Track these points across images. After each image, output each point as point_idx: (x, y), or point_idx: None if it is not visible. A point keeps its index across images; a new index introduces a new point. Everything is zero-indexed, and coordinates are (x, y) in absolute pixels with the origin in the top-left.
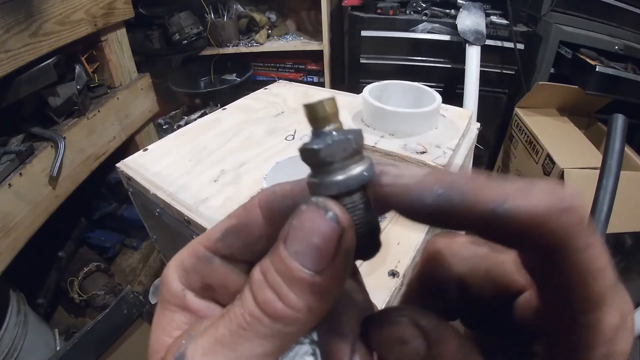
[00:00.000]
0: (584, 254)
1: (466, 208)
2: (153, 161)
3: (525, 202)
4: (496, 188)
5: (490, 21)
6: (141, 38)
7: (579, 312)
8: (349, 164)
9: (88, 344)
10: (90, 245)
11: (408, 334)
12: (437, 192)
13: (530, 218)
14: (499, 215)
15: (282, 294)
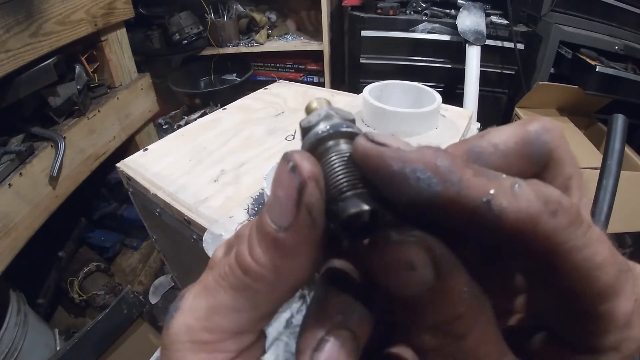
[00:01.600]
0: (581, 253)
1: (447, 198)
2: (153, 161)
3: (512, 204)
4: (484, 184)
5: (490, 21)
6: (141, 38)
7: (587, 306)
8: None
9: (88, 344)
10: (90, 245)
11: (418, 259)
12: (416, 173)
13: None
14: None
15: (252, 246)
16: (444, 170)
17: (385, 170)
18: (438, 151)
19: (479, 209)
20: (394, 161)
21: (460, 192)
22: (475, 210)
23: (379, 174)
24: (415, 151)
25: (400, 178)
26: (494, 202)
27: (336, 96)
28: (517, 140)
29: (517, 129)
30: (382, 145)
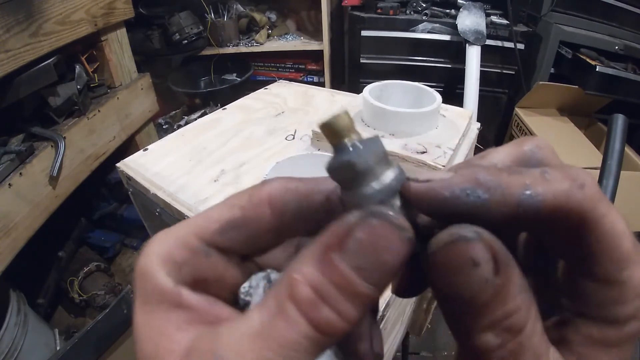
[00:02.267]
0: (606, 219)
1: (495, 203)
2: (153, 161)
3: (547, 188)
4: (519, 179)
5: (491, 21)
6: (141, 38)
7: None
8: (382, 170)
9: (88, 344)
10: (90, 245)
11: (481, 256)
12: (466, 191)
13: (554, 201)
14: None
15: (343, 310)
16: (484, 180)
17: (439, 199)
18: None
19: (522, 201)
20: (444, 190)
21: (504, 192)
22: (520, 203)
23: (436, 204)
24: (456, 175)
25: (454, 201)
26: (532, 192)
27: (336, 96)
28: (514, 158)
29: (513, 148)
30: (428, 182)
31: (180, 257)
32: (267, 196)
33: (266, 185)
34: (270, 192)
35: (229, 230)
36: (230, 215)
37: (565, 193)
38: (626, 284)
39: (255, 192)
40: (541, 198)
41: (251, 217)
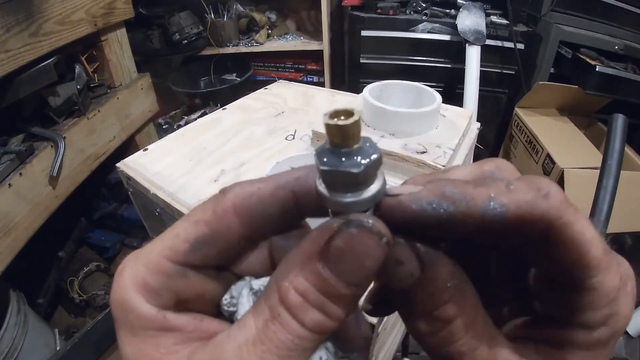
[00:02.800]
0: (573, 227)
1: (460, 214)
2: (153, 161)
3: (511, 198)
4: (483, 191)
5: (490, 21)
6: (141, 38)
7: (580, 278)
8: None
9: (88, 344)
10: (90, 245)
11: (404, 255)
12: (432, 204)
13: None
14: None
15: (330, 311)
16: (450, 193)
17: (408, 212)
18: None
19: (486, 213)
20: (412, 203)
21: (469, 204)
22: (484, 214)
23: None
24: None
25: (421, 213)
26: (496, 202)
27: (336, 96)
28: (473, 177)
29: (475, 167)
30: (397, 196)
31: (156, 283)
32: (232, 206)
33: (228, 194)
34: (234, 201)
35: (200, 247)
36: (197, 232)
37: (529, 203)
38: (596, 291)
39: (218, 204)
40: (505, 209)
41: (219, 230)
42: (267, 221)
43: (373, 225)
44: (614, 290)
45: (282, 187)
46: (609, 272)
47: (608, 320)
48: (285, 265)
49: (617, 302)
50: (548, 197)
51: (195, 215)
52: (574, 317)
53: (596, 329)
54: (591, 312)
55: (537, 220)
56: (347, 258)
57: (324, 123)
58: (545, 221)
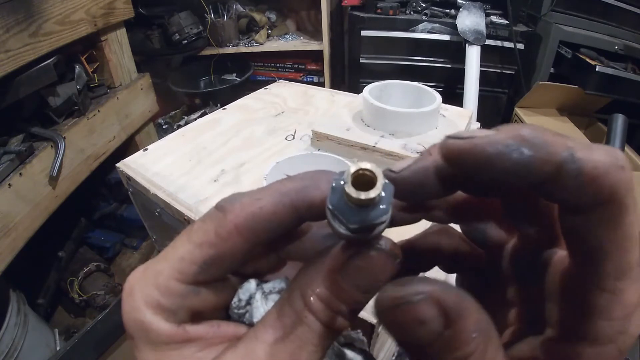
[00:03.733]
0: (630, 215)
1: (539, 161)
2: (153, 161)
3: (589, 156)
4: (563, 142)
5: (490, 21)
6: (141, 38)
7: (607, 275)
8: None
9: (88, 344)
10: (90, 245)
11: (427, 314)
12: (510, 147)
13: (593, 171)
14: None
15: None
16: (529, 137)
17: (482, 156)
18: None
19: (565, 162)
20: (489, 145)
21: (549, 150)
22: (563, 164)
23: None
24: (499, 133)
25: (497, 157)
26: (576, 155)
27: (336, 96)
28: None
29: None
30: (471, 138)
31: (171, 304)
32: (234, 227)
33: (229, 215)
34: (236, 222)
35: (208, 268)
36: (203, 255)
37: (606, 167)
38: (615, 298)
39: (220, 226)
40: (583, 164)
41: (224, 252)
42: (271, 236)
43: (389, 248)
44: (632, 306)
45: (283, 204)
46: (634, 284)
47: (617, 338)
48: (307, 275)
49: (631, 320)
50: (623, 170)
51: (198, 237)
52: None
53: (605, 344)
54: (603, 322)
55: (607, 188)
56: (365, 274)
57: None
58: (613, 193)
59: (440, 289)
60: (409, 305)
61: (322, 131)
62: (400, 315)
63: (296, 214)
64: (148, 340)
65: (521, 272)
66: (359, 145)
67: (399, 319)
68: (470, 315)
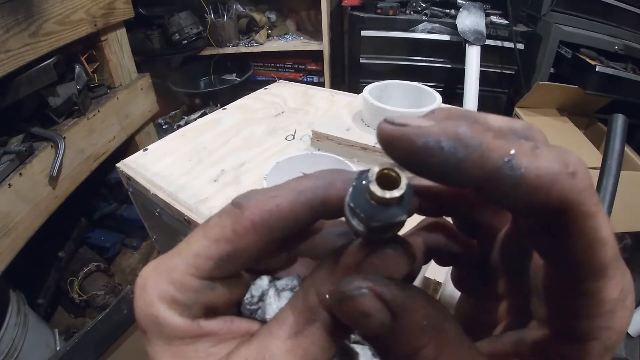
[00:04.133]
0: (591, 220)
1: (470, 163)
2: (153, 161)
3: (533, 163)
4: (505, 145)
5: (490, 21)
6: (141, 38)
7: (581, 279)
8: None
9: (88, 344)
10: (90, 245)
11: (370, 307)
12: (440, 144)
13: (536, 180)
14: (503, 174)
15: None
16: (464, 136)
17: (410, 147)
18: (458, 120)
19: (500, 169)
20: (418, 137)
21: (483, 154)
22: (498, 170)
23: (405, 152)
24: (435, 125)
25: (425, 151)
26: (515, 162)
27: (336, 96)
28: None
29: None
30: (403, 126)
31: (186, 299)
32: (251, 224)
33: (246, 212)
34: (253, 219)
35: (224, 264)
36: (220, 251)
37: (552, 175)
38: (594, 298)
39: (237, 222)
40: (522, 172)
41: (241, 248)
42: (286, 233)
43: (405, 248)
44: (613, 301)
45: (300, 202)
46: (612, 281)
47: (602, 334)
48: (322, 273)
49: (614, 315)
50: (575, 177)
51: (214, 233)
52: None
53: (589, 341)
54: (585, 320)
55: (555, 198)
56: (381, 272)
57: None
58: (564, 203)
59: (380, 284)
60: (350, 299)
61: (322, 131)
62: (345, 308)
63: (312, 212)
64: (161, 335)
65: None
66: (359, 145)
67: (345, 311)
68: (417, 309)
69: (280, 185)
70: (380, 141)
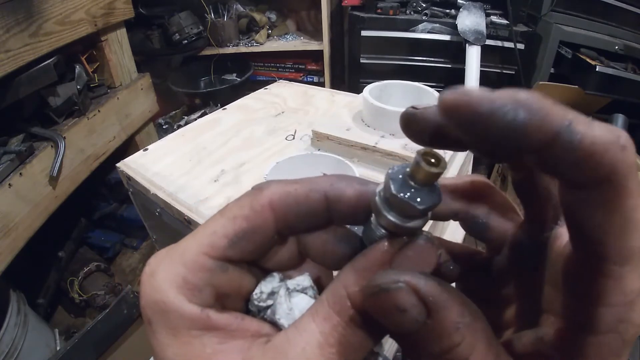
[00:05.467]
0: (631, 200)
1: (532, 126)
2: (153, 161)
3: (589, 130)
4: (562, 112)
5: (490, 21)
6: (141, 38)
7: (608, 259)
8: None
9: (88, 344)
10: (90, 245)
11: (406, 302)
12: (505, 108)
13: (591, 146)
14: (562, 138)
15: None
16: (527, 102)
17: (475, 113)
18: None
19: (560, 133)
20: (483, 103)
21: (545, 118)
22: (558, 134)
23: (471, 117)
24: (497, 92)
25: (490, 116)
26: (573, 127)
27: (336, 96)
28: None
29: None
30: (467, 94)
31: (198, 279)
32: (269, 203)
33: (265, 191)
34: (271, 198)
35: (239, 242)
36: (236, 228)
37: (605, 145)
38: (615, 283)
39: (255, 200)
40: (579, 137)
41: (257, 225)
42: (300, 220)
43: (434, 240)
44: (634, 292)
45: (316, 191)
46: (636, 271)
47: (620, 326)
48: (350, 271)
49: (634, 308)
50: (624, 150)
51: (232, 212)
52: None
53: (607, 333)
54: (604, 308)
55: (605, 166)
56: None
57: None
58: (612, 173)
59: (418, 279)
60: (386, 292)
61: (322, 131)
62: (380, 303)
63: (326, 203)
64: (168, 324)
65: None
66: (359, 145)
67: (379, 306)
68: (453, 306)
69: (300, 178)
70: (444, 108)
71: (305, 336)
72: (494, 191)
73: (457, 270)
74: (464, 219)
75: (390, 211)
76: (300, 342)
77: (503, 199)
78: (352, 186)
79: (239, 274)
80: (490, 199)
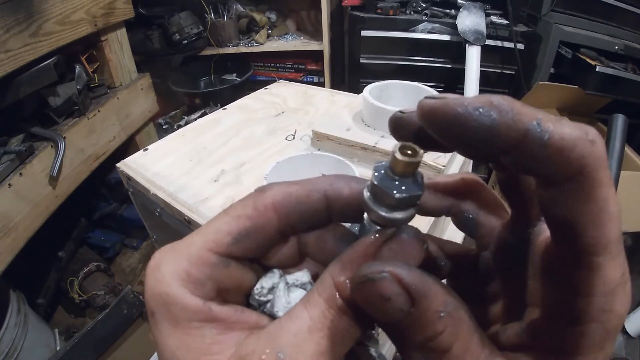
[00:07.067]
0: (603, 190)
1: (504, 125)
2: (153, 161)
3: (558, 128)
4: (532, 112)
5: (490, 21)
6: (141, 38)
7: (586, 250)
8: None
9: (88, 344)
10: (90, 245)
11: (390, 291)
12: (478, 109)
13: (560, 142)
14: (532, 136)
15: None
16: (497, 103)
17: (451, 115)
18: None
19: (530, 131)
20: (458, 106)
21: (515, 117)
22: (527, 132)
23: (446, 120)
24: (471, 96)
25: (464, 117)
26: (543, 125)
27: (336, 96)
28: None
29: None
30: (443, 99)
31: (201, 273)
32: (272, 203)
33: (268, 192)
34: (274, 199)
35: (242, 240)
36: (240, 226)
37: (574, 140)
38: (596, 273)
39: (259, 200)
40: (548, 135)
41: (260, 224)
42: (301, 219)
43: (417, 233)
44: (614, 282)
45: (316, 191)
46: (615, 261)
47: (601, 315)
48: (338, 262)
49: (615, 298)
50: (594, 144)
51: (236, 211)
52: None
53: (589, 323)
54: (584, 299)
55: (575, 160)
56: (399, 258)
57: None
58: (582, 166)
59: (401, 269)
60: (371, 282)
61: (322, 131)
62: (366, 292)
63: (326, 202)
64: (169, 316)
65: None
66: (359, 145)
67: (365, 295)
68: (436, 296)
69: (301, 179)
70: (422, 114)
71: (297, 322)
72: (483, 188)
73: (448, 266)
74: (455, 214)
75: (374, 203)
76: (292, 328)
77: (492, 197)
78: (349, 185)
79: (241, 270)
80: (480, 195)
